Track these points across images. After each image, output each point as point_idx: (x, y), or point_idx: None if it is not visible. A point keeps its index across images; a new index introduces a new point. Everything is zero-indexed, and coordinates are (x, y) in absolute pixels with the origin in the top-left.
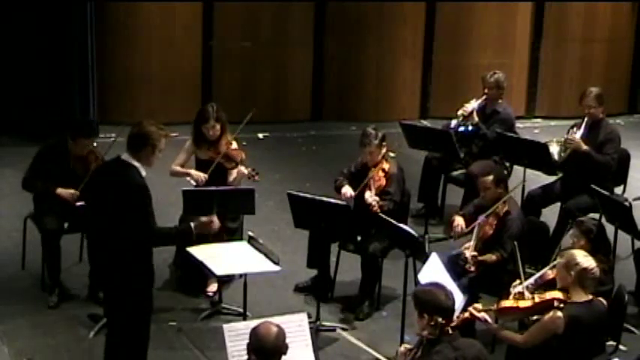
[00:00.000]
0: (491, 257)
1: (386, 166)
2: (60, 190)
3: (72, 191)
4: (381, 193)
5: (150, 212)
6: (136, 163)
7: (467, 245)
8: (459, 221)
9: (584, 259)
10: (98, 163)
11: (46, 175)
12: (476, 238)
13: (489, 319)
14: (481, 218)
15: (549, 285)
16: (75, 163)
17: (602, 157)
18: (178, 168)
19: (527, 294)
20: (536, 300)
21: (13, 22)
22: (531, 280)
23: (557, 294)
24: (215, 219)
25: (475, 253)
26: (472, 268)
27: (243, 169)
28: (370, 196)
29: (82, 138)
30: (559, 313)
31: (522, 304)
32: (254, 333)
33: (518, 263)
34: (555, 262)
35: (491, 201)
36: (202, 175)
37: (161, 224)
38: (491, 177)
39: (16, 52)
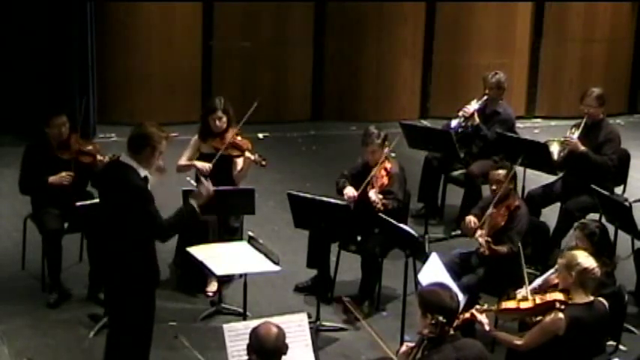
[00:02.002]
0: (502, 249)
1: (388, 165)
2: (52, 179)
3: (63, 174)
4: (383, 192)
5: (152, 210)
6: (135, 164)
7: (480, 233)
8: (472, 217)
9: (585, 260)
10: (78, 142)
11: (36, 173)
12: (488, 226)
13: (487, 325)
14: (491, 209)
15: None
16: (58, 151)
17: (600, 157)
18: (184, 162)
19: (529, 296)
20: (537, 301)
21: (13, 22)
22: (535, 284)
23: (558, 295)
24: (207, 183)
25: (489, 239)
26: (487, 252)
27: (249, 154)
28: (374, 194)
29: (52, 118)
30: (560, 315)
31: (523, 304)
32: (254, 333)
33: (522, 267)
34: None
35: (501, 196)
36: (207, 165)
37: None
38: (504, 171)
39: (15, 52)
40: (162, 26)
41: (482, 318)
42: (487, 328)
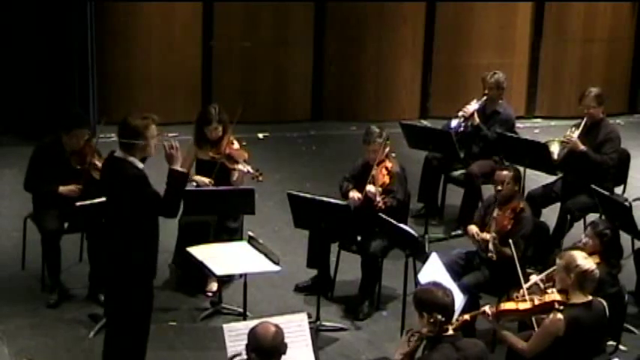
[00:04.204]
0: (507, 251)
1: (389, 164)
2: (62, 189)
3: (73, 187)
4: (384, 191)
5: (151, 192)
6: (131, 158)
7: (487, 237)
8: (474, 229)
9: (584, 261)
10: (94, 155)
11: (45, 174)
12: (494, 230)
13: (491, 315)
14: (497, 212)
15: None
16: (72, 158)
17: (600, 156)
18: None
19: (527, 296)
20: (536, 302)
21: (14, 22)
22: (537, 279)
23: (556, 296)
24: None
25: (496, 241)
26: (494, 257)
27: (241, 166)
28: (373, 188)
29: (76, 129)
30: (559, 315)
31: (522, 305)
32: (252, 333)
33: (517, 268)
34: (550, 270)
35: (506, 197)
36: (207, 181)
37: (161, 223)
38: (510, 172)
39: (16, 52)
40: (162, 26)
41: (486, 309)
42: (490, 318)
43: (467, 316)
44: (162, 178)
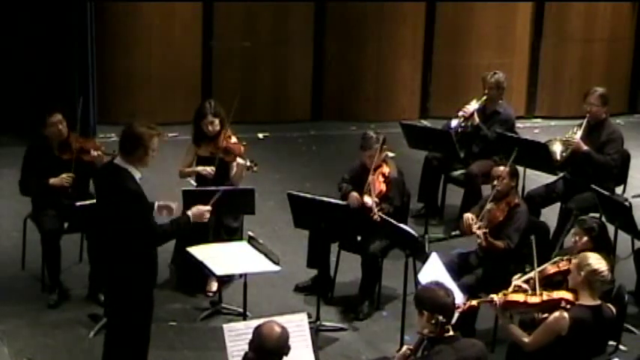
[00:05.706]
0: (499, 243)
1: (386, 170)
2: (53, 180)
3: (64, 176)
4: (381, 198)
5: (146, 216)
6: (129, 167)
7: (477, 225)
8: (469, 215)
9: (596, 262)
10: (79, 141)
11: (37, 172)
12: (486, 220)
13: (498, 303)
14: (490, 205)
15: (548, 280)
16: (59, 151)
17: (603, 157)
18: (186, 168)
19: (537, 287)
20: (544, 298)
21: (13, 22)
22: (531, 274)
23: (565, 294)
24: (207, 209)
25: (486, 230)
26: (484, 243)
27: (240, 160)
28: (370, 200)
29: (48, 117)
30: (565, 314)
31: (531, 299)
32: (257, 331)
33: (534, 256)
34: (556, 259)
35: (502, 193)
36: (209, 169)
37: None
38: (506, 168)
39: (16, 52)
40: (162, 26)
41: (494, 297)
42: (497, 307)
43: (474, 302)
44: (161, 181)
